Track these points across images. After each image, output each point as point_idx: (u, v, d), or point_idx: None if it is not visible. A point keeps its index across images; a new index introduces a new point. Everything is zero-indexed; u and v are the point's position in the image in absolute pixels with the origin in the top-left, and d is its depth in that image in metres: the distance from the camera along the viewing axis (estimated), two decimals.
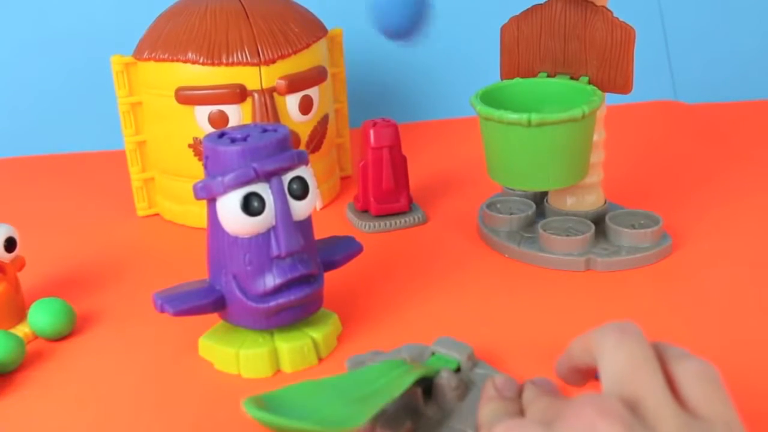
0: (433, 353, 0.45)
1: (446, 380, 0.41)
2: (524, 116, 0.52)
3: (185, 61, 0.62)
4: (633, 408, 0.30)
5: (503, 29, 0.60)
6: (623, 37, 0.55)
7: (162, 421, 0.43)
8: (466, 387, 0.42)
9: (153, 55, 0.63)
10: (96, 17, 0.88)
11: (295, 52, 0.64)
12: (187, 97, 0.63)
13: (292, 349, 0.47)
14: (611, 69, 0.56)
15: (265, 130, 0.46)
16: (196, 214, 0.66)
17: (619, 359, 0.32)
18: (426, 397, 0.41)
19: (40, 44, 0.88)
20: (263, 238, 0.45)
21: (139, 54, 0.65)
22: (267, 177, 0.44)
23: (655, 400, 0.30)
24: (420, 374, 0.40)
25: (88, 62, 0.88)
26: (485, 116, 0.54)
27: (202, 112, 0.63)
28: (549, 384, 0.40)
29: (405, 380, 0.39)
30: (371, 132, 0.63)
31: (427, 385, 0.42)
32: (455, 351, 0.44)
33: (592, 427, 0.29)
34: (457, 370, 0.44)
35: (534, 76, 0.59)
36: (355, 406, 0.37)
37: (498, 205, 0.64)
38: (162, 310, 0.46)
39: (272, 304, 0.45)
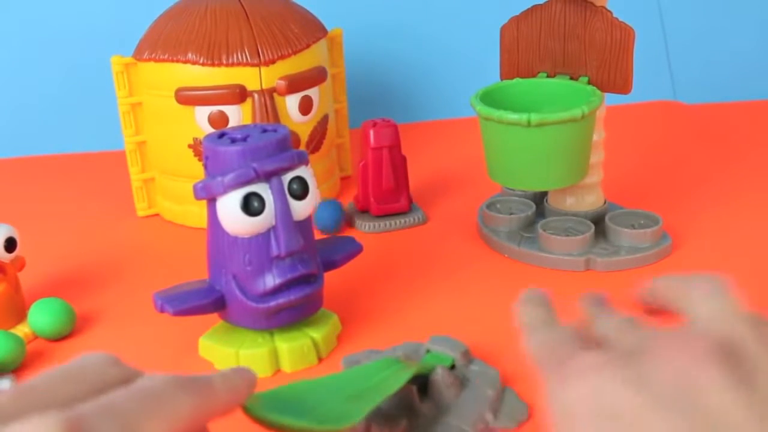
0: (427, 351, 0.45)
1: (441, 377, 0.41)
2: (524, 116, 0.52)
3: (185, 62, 0.62)
4: (730, 353, 0.27)
5: (503, 29, 0.60)
6: (623, 37, 0.55)
7: None
8: (461, 384, 0.42)
9: (153, 55, 0.63)
10: (96, 17, 0.88)
11: (295, 53, 0.64)
12: (187, 97, 0.63)
13: (291, 349, 0.47)
14: (611, 69, 0.56)
15: (265, 131, 0.46)
16: (196, 214, 0.66)
17: (715, 306, 0.30)
18: (421, 395, 0.41)
19: (40, 44, 0.88)
20: (263, 238, 0.45)
21: (139, 54, 0.65)
22: (267, 177, 0.44)
23: (755, 346, 0.27)
24: (415, 371, 0.40)
25: (88, 62, 0.88)
26: (485, 116, 0.54)
27: (202, 113, 0.63)
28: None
29: (400, 378, 0.39)
30: (371, 132, 0.63)
31: (422, 383, 0.42)
32: (449, 348, 0.44)
33: (686, 373, 0.26)
34: (452, 367, 0.44)
35: (534, 76, 0.59)
36: (351, 403, 0.37)
37: (498, 205, 0.64)
38: (162, 310, 0.46)
39: (272, 304, 0.45)
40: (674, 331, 0.28)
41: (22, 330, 0.52)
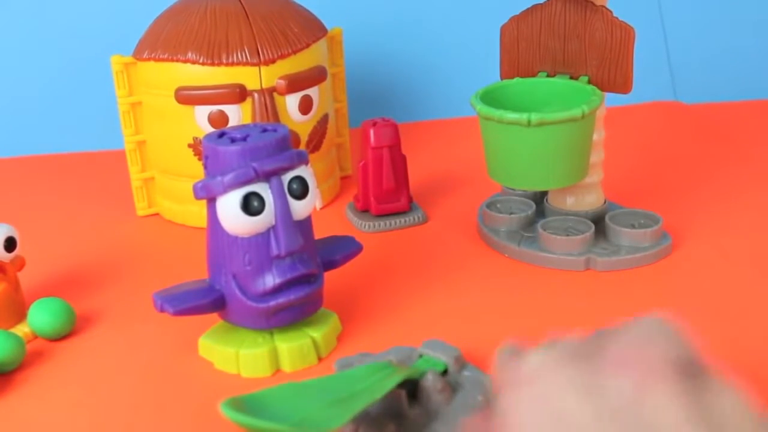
0: (420, 355, 0.45)
1: (431, 382, 0.41)
2: (524, 116, 0.52)
3: (185, 61, 0.62)
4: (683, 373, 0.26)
5: (503, 29, 0.60)
6: (623, 36, 0.55)
7: (162, 421, 0.43)
8: (452, 389, 0.42)
9: (153, 55, 0.63)
10: (96, 17, 0.88)
11: (294, 52, 0.64)
12: (187, 97, 0.63)
13: (291, 349, 0.47)
14: (611, 69, 0.56)
15: (264, 130, 0.46)
16: (195, 213, 0.66)
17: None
18: (411, 400, 0.41)
19: (40, 44, 0.88)
20: (263, 238, 0.45)
21: (139, 54, 0.65)
22: (267, 177, 0.44)
23: (702, 368, 0.26)
24: (404, 376, 0.40)
25: (88, 62, 0.88)
26: (485, 116, 0.54)
27: (202, 112, 0.63)
28: None
29: (389, 382, 0.39)
30: (371, 132, 0.63)
31: (412, 388, 0.41)
32: (442, 353, 0.44)
33: (645, 385, 0.25)
34: (445, 372, 0.44)
35: (534, 75, 0.59)
36: (337, 407, 0.36)
37: (498, 205, 0.64)
38: (162, 310, 0.46)
39: (272, 303, 0.45)
40: (628, 336, 0.27)
41: (22, 330, 0.52)
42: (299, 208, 0.46)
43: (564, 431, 0.25)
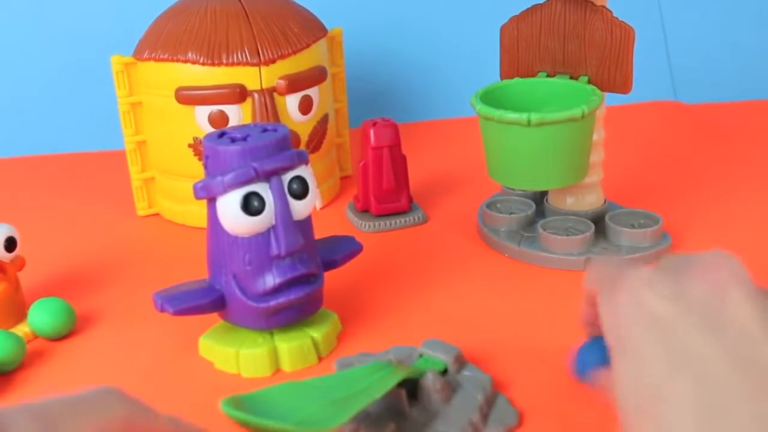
0: (420, 355, 0.45)
1: (431, 382, 0.41)
2: (524, 116, 0.52)
3: (185, 61, 0.62)
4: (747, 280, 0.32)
5: (503, 29, 0.60)
6: (623, 36, 0.55)
7: None
8: (452, 389, 0.42)
9: (153, 55, 0.63)
10: (96, 17, 0.88)
11: (295, 52, 0.64)
12: (187, 97, 0.63)
13: (291, 349, 0.47)
14: (611, 69, 0.56)
15: (265, 130, 0.46)
16: (196, 213, 0.66)
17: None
18: (411, 399, 0.41)
19: (40, 44, 0.88)
20: (263, 238, 0.45)
21: (139, 54, 0.65)
22: (267, 176, 0.44)
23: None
24: (404, 375, 0.40)
25: (88, 62, 0.88)
26: (485, 116, 0.54)
27: (202, 112, 0.63)
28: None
29: (388, 381, 0.39)
30: (371, 132, 0.63)
31: (412, 387, 0.42)
32: (442, 353, 0.44)
33: (724, 289, 0.31)
34: (444, 372, 0.44)
35: (534, 75, 0.59)
36: (337, 406, 0.37)
37: (498, 205, 0.64)
38: (162, 310, 0.46)
39: (272, 303, 0.45)
40: (708, 255, 0.34)
41: (22, 330, 0.52)
42: (299, 208, 0.46)
43: (656, 326, 0.31)
